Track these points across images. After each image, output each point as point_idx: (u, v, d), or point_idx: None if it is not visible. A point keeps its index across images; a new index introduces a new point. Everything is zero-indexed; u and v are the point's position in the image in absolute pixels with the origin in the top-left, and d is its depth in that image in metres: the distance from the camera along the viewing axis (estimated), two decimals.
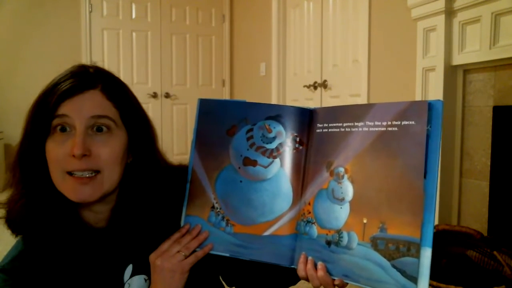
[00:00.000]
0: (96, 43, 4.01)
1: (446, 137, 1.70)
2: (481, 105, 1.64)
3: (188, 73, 4.33)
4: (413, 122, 0.56)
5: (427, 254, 0.52)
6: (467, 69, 1.67)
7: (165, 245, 0.66)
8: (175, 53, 4.27)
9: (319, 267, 0.59)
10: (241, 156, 0.67)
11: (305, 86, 2.96)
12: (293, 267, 0.64)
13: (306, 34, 3.04)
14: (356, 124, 0.60)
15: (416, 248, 0.53)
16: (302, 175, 0.65)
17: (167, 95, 4.22)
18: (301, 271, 0.61)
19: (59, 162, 0.60)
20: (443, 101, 0.56)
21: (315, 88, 2.88)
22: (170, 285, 0.63)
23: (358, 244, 0.57)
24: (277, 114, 0.66)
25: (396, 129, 0.57)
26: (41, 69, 3.80)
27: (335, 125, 0.63)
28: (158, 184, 0.69)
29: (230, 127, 0.68)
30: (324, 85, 2.80)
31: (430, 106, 0.55)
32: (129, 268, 0.69)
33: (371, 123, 0.59)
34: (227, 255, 0.66)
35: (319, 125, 0.65)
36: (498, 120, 1.55)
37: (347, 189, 0.60)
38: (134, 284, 0.69)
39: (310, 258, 0.61)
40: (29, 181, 0.63)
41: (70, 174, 0.61)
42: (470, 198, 1.70)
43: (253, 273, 0.75)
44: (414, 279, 0.52)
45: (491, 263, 1.41)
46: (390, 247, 0.55)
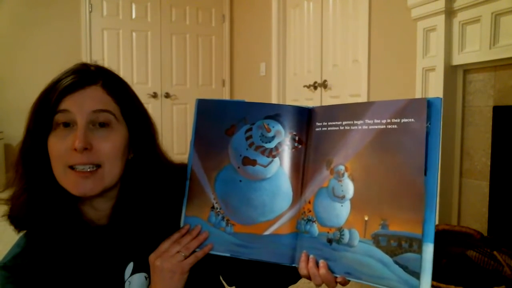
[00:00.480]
0: (96, 43, 4.01)
1: (446, 137, 1.70)
2: (481, 105, 1.63)
3: (188, 73, 4.33)
4: (412, 120, 0.56)
5: (429, 250, 0.53)
6: (467, 69, 1.67)
7: (164, 245, 0.65)
8: (175, 53, 4.26)
9: (321, 265, 0.59)
10: (240, 155, 0.67)
11: (305, 86, 2.96)
12: (294, 265, 0.64)
13: (306, 34, 3.04)
14: (355, 122, 0.60)
15: (418, 244, 0.53)
16: (301, 174, 0.65)
17: (167, 95, 4.22)
18: (302, 269, 0.61)
19: (61, 157, 0.61)
20: (442, 98, 0.56)
21: (315, 88, 2.88)
22: (169, 285, 0.63)
23: (360, 241, 0.57)
24: (275, 113, 0.66)
25: (395, 126, 0.57)
26: (41, 69, 3.80)
27: (334, 123, 0.63)
28: (159, 181, 0.69)
29: (229, 127, 0.68)
30: (324, 85, 2.80)
31: (429, 104, 0.55)
32: (130, 266, 0.69)
33: (370, 121, 0.59)
34: (228, 255, 0.65)
35: (318, 123, 0.65)
36: (498, 120, 1.55)
37: (348, 187, 0.60)
38: (135, 282, 0.69)
39: (311, 256, 0.61)
40: (31, 176, 0.64)
41: (71, 168, 0.61)
42: (470, 198, 1.70)
43: (253, 273, 0.75)
44: (416, 274, 0.52)
45: (491, 263, 1.41)
46: (392, 244, 0.55)
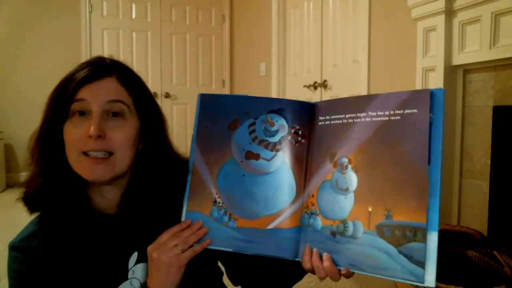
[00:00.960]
0: (96, 43, 4.01)
1: (446, 137, 1.70)
2: (481, 105, 1.64)
3: (188, 73, 4.33)
4: (415, 110, 0.56)
5: (433, 239, 0.52)
6: (467, 69, 1.67)
7: (163, 238, 0.65)
8: (175, 53, 4.27)
9: (324, 257, 0.59)
10: (243, 150, 0.67)
11: (305, 86, 2.96)
12: (297, 259, 0.63)
13: (306, 34, 3.04)
14: (358, 115, 0.61)
15: (423, 233, 0.53)
16: (305, 167, 0.65)
17: (167, 95, 4.22)
18: (306, 263, 0.61)
19: (76, 143, 0.65)
20: (444, 89, 0.57)
21: (315, 88, 2.88)
22: (166, 278, 0.63)
23: (364, 232, 0.57)
24: (279, 108, 0.66)
25: (399, 118, 0.57)
26: (41, 69, 3.80)
27: (337, 117, 0.63)
28: (168, 173, 0.71)
29: (232, 121, 0.68)
30: (324, 85, 2.80)
31: (432, 95, 0.56)
32: (134, 255, 0.70)
33: (373, 113, 0.59)
34: (230, 250, 0.65)
35: (321, 118, 0.65)
36: (498, 120, 1.55)
37: (351, 179, 0.59)
38: (138, 271, 0.70)
39: (315, 249, 0.61)
40: (46, 161, 0.68)
41: (85, 154, 0.65)
42: (470, 198, 1.70)
43: (258, 271, 0.75)
44: (421, 264, 0.52)
45: (491, 263, 1.41)
46: (396, 234, 0.55)
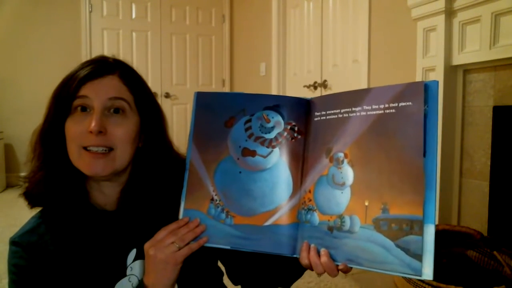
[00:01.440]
0: (96, 43, 4.01)
1: (446, 137, 1.70)
2: (481, 105, 1.63)
3: (188, 73, 4.33)
4: (410, 103, 0.56)
5: (430, 231, 0.52)
6: (467, 69, 1.67)
7: (160, 235, 0.65)
8: (175, 53, 4.27)
9: (322, 253, 0.59)
10: (239, 147, 0.66)
11: (305, 86, 2.96)
12: (295, 256, 0.63)
13: (306, 34, 3.04)
14: (353, 109, 0.61)
15: (419, 225, 0.53)
16: (301, 164, 0.65)
17: (167, 95, 4.22)
18: (304, 259, 0.60)
19: (77, 138, 0.66)
20: (438, 81, 0.57)
21: (315, 88, 2.88)
22: (162, 276, 0.63)
23: (361, 227, 0.57)
24: (275, 104, 0.66)
25: (393, 111, 0.57)
26: (41, 69, 3.81)
27: (332, 112, 0.63)
28: (167, 170, 0.72)
29: (228, 118, 0.68)
30: (324, 85, 2.80)
31: (426, 87, 0.56)
32: (133, 252, 0.71)
33: (368, 107, 0.59)
34: (228, 247, 0.65)
35: (316, 113, 0.65)
36: (498, 120, 1.55)
37: (347, 173, 0.59)
38: (136, 268, 0.71)
39: (312, 245, 0.60)
40: (48, 156, 0.69)
41: (86, 149, 0.66)
42: (470, 198, 1.70)
43: (258, 270, 0.75)
44: (418, 256, 0.52)
45: (491, 263, 1.40)
46: (393, 227, 0.54)
